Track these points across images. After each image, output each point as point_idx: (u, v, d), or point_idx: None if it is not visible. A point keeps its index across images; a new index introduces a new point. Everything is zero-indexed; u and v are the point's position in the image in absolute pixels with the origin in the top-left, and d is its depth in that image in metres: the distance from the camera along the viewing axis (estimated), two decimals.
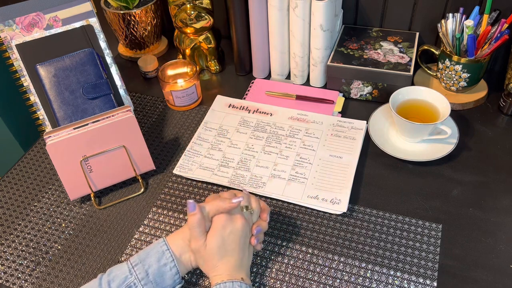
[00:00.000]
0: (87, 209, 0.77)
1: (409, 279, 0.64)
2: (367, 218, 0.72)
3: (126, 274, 0.59)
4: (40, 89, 0.79)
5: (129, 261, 0.60)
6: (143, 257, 0.60)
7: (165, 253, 0.60)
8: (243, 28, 0.94)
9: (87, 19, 0.83)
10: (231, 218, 0.62)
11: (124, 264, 0.60)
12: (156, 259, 0.60)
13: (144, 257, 0.60)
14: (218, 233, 0.60)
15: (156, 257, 0.60)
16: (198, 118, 0.92)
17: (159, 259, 0.60)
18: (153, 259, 0.60)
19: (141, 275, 0.58)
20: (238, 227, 0.61)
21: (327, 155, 0.81)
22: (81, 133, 0.72)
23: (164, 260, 0.60)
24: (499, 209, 0.72)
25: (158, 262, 0.60)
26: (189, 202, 0.61)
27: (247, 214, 0.64)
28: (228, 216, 0.62)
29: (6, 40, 0.79)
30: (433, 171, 0.78)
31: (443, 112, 0.79)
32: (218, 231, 0.61)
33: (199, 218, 0.60)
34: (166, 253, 0.60)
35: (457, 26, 0.84)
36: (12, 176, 0.84)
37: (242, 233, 0.61)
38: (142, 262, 0.59)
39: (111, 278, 0.59)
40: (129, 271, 0.59)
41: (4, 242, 0.73)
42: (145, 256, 0.60)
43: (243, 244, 0.62)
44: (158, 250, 0.61)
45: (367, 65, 0.88)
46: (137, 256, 0.61)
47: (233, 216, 0.62)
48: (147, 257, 0.60)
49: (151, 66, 1.02)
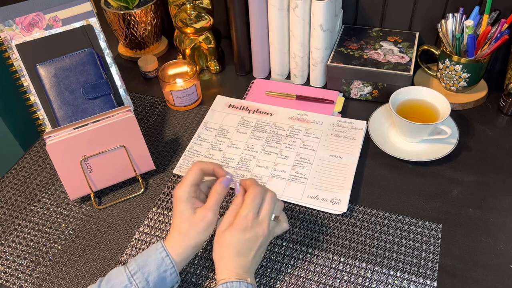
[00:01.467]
0: (87, 209, 0.77)
1: (409, 279, 0.64)
2: (367, 218, 0.72)
3: (126, 283, 0.57)
4: (40, 89, 0.79)
5: (127, 269, 0.58)
6: (141, 264, 0.59)
7: (164, 259, 0.59)
8: (243, 28, 0.94)
9: (87, 19, 0.83)
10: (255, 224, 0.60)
11: (122, 270, 0.59)
12: (156, 266, 0.58)
13: (143, 265, 0.59)
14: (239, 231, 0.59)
15: (155, 264, 0.59)
16: (198, 118, 0.92)
17: (159, 266, 0.59)
18: (152, 267, 0.58)
19: (141, 284, 0.57)
20: (259, 236, 0.60)
21: (327, 155, 0.81)
22: (81, 133, 0.72)
23: (164, 267, 0.59)
24: (499, 209, 0.72)
25: (158, 270, 0.58)
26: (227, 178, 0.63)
27: (272, 224, 0.62)
28: (253, 220, 0.59)
29: (6, 40, 0.79)
30: (433, 171, 0.78)
31: (443, 112, 0.79)
32: (239, 231, 0.59)
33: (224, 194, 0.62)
34: (166, 260, 0.59)
35: (457, 26, 0.84)
36: (12, 176, 0.84)
37: (259, 243, 0.60)
38: (141, 270, 0.58)
39: (109, 286, 0.57)
40: (128, 279, 0.57)
41: (4, 242, 0.73)
42: (143, 264, 0.59)
43: (257, 251, 0.60)
44: (157, 257, 0.59)
45: (367, 65, 0.89)
46: (134, 262, 0.59)
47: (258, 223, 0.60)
48: (146, 265, 0.58)
49: (151, 66, 1.02)
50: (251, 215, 0.60)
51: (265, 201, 0.61)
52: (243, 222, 0.59)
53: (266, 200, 0.62)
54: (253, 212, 0.60)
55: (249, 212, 0.60)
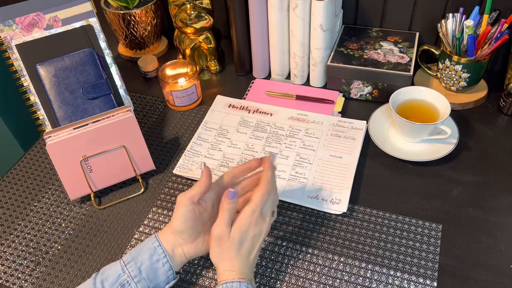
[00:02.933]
0: (87, 209, 0.77)
1: (409, 279, 0.64)
2: (367, 218, 0.72)
3: (119, 272, 0.59)
4: (40, 89, 0.79)
5: (122, 260, 0.60)
6: (135, 254, 0.60)
7: (157, 249, 0.60)
8: (243, 28, 0.94)
9: (87, 19, 0.83)
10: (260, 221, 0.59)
11: (117, 262, 0.60)
12: (148, 255, 0.60)
13: (136, 255, 0.60)
14: (244, 229, 0.58)
15: (148, 253, 0.60)
16: (198, 118, 0.92)
17: (151, 255, 0.60)
18: (145, 256, 0.60)
19: (133, 273, 0.58)
20: (263, 233, 0.60)
21: (327, 155, 0.81)
22: (81, 133, 0.72)
23: (156, 257, 0.60)
24: (499, 209, 0.72)
25: (150, 259, 0.60)
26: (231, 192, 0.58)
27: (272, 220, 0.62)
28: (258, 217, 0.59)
29: (6, 40, 0.79)
30: (433, 171, 0.78)
31: (443, 112, 0.79)
32: (244, 227, 0.58)
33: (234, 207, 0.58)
34: (158, 249, 0.60)
35: (457, 26, 0.84)
36: (12, 176, 0.84)
37: (263, 239, 0.60)
38: (135, 260, 0.59)
39: (104, 277, 0.59)
40: (121, 269, 0.59)
41: (4, 242, 0.73)
42: (137, 254, 0.60)
43: (259, 248, 0.61)
44: (150, 247, 0.60)
45: (367, 65, 0.88)
46: (129, 254, 0.61)
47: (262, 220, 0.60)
48: (139, 254, 0.60)
49: (151, 66, 1.02)
50: (258, 211, 0.59)
51: (270, 197, 0.61)
52: (250, 218, 0.58)
53: (271, 196, 0.61)
54: (260, 208, 0.59)
55: (256, 208, 0.59)
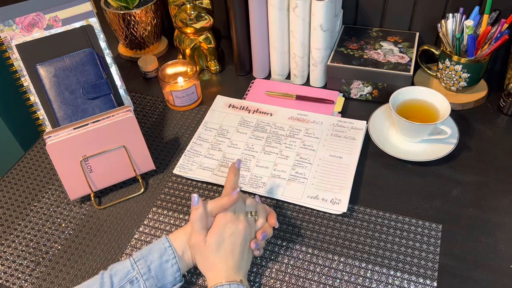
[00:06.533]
0: (87, 209, 0.77)
1: (409, 279, 0.64)
2: (367, 218, 0.72)
3: (129, 268, 0.60)
4: (40, 89, 0.79)
5: (132, 257, 0.61)
6: (145, 253, 0.61)
7: (167, 249, 0.62)
8: (243, 28, 0.94)
9: (87, 19, 0.83)
10: (234, 219, 0.62)
11: (127, 260, 0.61)
12: (158, 255, 0.61)
13: (146, 253, 0.61)
14: (218, 231, 0.61)
15: (158, 253, 0.61)
16: (198, 118, 0.92)
17: (161, 255, 0.61)
18: (155, 255, 0.61)
19: (143, 270, 0.59)
20: (240, 230, 0.62)
21: (327, 155, 0.81)
22: (81, 133, 0.72)
23: (166, 257, 0.61)
24: (499, 209, 0.72)
25: (160, 258, 0.61)
26: (193, 196, 0.63)
27: (251, 219, 0.65)
28: (231, 216, 0.62)
29: (6, 40, 0.79)
30: (433, 171, 0.78)
31: (443, 112, 0.79)
32: (219, 229, 0.61)
33: (201, 212, 0.62)
34: (168, 250, 0.62)
35: (457, 26, 0.84)
36: (12, 176, 0.84)
37: (243, 236, 0.62)
38: (145, 258, 0.61)
39: (113, 272, 0.60)
40: (131, 265, 0.60)
41: (4, 242, 0.73)
42: (147, 252, 0.61)
43: (243, 247, 0.62)
44: (161, 247, 0.62)
45: (367, 65, 0.88)
46: (139, 252, 0.62)
47: (236, 218, 0.63)
48: (150, 253, 0.61)
49: (151, 66, 1.02)
50: (230, 212, 0.63)
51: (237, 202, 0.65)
52: (223, 218, 0.62)
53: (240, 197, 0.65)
54: (231, 209, 0.63)
55: (226, 210, 0.63)
